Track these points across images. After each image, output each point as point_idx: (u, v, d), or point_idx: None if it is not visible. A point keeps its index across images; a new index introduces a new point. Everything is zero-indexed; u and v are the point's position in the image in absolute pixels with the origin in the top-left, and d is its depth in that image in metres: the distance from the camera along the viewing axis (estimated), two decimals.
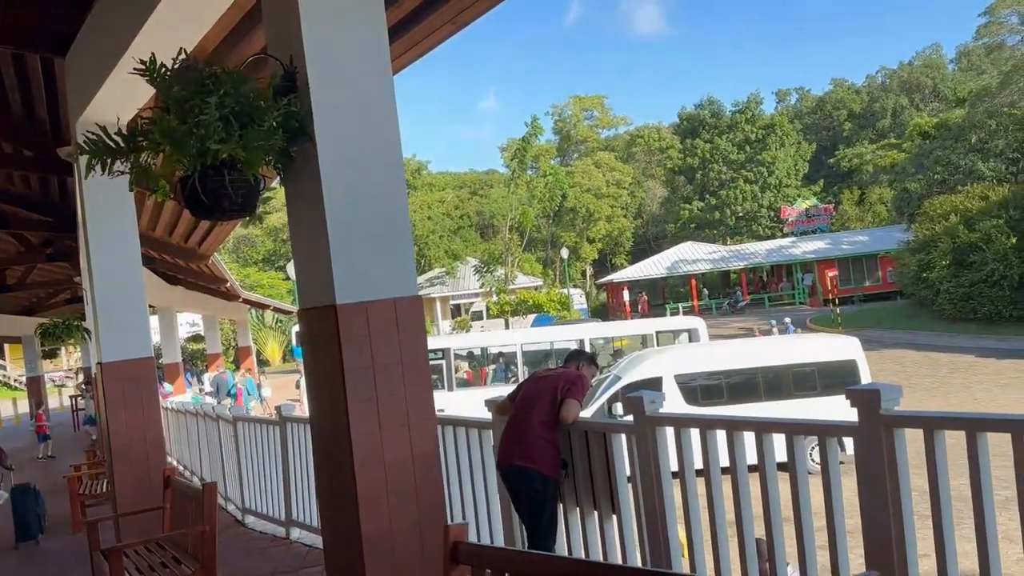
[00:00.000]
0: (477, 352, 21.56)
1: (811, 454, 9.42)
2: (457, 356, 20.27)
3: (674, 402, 12.26)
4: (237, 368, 28.19)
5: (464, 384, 19.77)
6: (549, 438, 4.04)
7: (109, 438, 6.13)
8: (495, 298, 45.37)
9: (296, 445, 6.44)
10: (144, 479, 5.87)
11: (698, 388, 13.30)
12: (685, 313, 39.04)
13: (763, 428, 2.99)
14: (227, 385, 20.64)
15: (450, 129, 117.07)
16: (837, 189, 59.45)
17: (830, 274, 39.30)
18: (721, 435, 3.16)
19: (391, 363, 3.07)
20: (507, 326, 38.09)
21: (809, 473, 3.06)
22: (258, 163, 2.86)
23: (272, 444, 6.93)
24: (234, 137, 2.75)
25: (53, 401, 28.33)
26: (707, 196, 58.29)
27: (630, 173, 63.31)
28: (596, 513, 3.86)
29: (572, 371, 4.29)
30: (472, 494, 4.55)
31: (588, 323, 29.15)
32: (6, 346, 39.23)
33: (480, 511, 4.54)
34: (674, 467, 3.45)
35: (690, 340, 19.15)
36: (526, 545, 4.17)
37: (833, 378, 12.88)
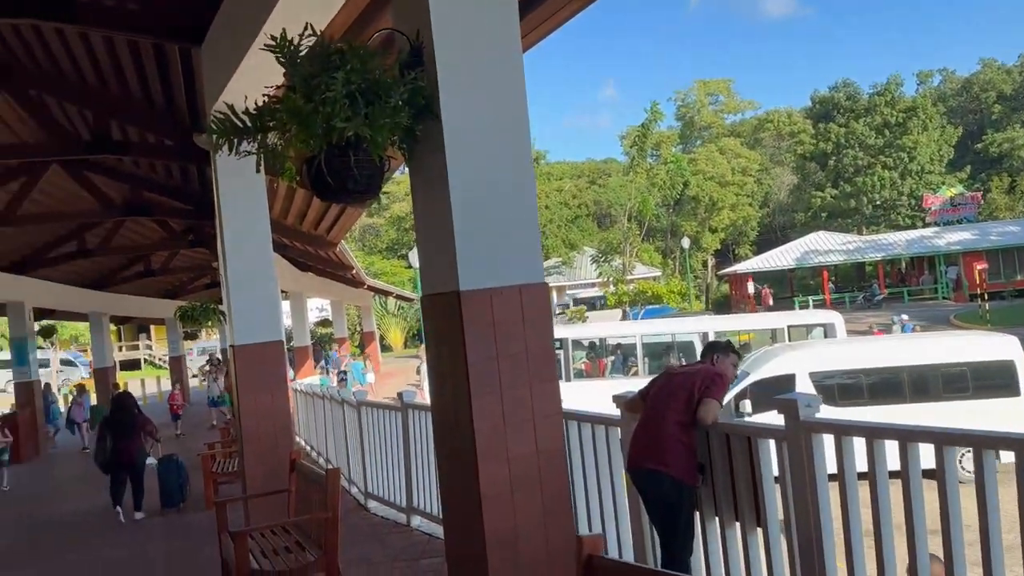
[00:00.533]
0: (596, 343, 21.27)
1: (959, 461, 8.61)
2: (575, 346, 20.05)
3: None
4: (362, 352, 29.25)
5: (581, 375, 19.53)
6: (684, 439, 3.76)
7: (240, 419, 6.30)
8: (612, 288, 44.80)
9: (417, 432, 6.42)
10: (272, 461, 6.00)
11: (835, 387, 12.45)
12: (816, 306, 37.05)
13: (944, 440, 2.60)
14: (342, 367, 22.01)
15: (568, 118, 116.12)
16: (985, 176, 55.19)
17: (978, 267, 36.32)
18: (892, 446, 2.77)
19: (517, 353, 2.91)
20: (624, 317, 37.52)
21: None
22: (383, 142, 2.77)
23: (394, 430, 6.94)
24: (360, 115, 2.68)
25: (195, 380, 30.16)
26: (841, 183, 55.18)
27: (757, 160, 60.77)
28: (738, 524, 3.55)
29: (710, 368, 3.99)
30: (598, 496, 4.31)
31: (706, 315, 28.16)
32: (152, 327, 42.11)
33: (607, 515, 4.29)
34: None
35: (825, 335, 18.10)
36: (658, 555, 3.89)
37: (988, 380, 11.81)
